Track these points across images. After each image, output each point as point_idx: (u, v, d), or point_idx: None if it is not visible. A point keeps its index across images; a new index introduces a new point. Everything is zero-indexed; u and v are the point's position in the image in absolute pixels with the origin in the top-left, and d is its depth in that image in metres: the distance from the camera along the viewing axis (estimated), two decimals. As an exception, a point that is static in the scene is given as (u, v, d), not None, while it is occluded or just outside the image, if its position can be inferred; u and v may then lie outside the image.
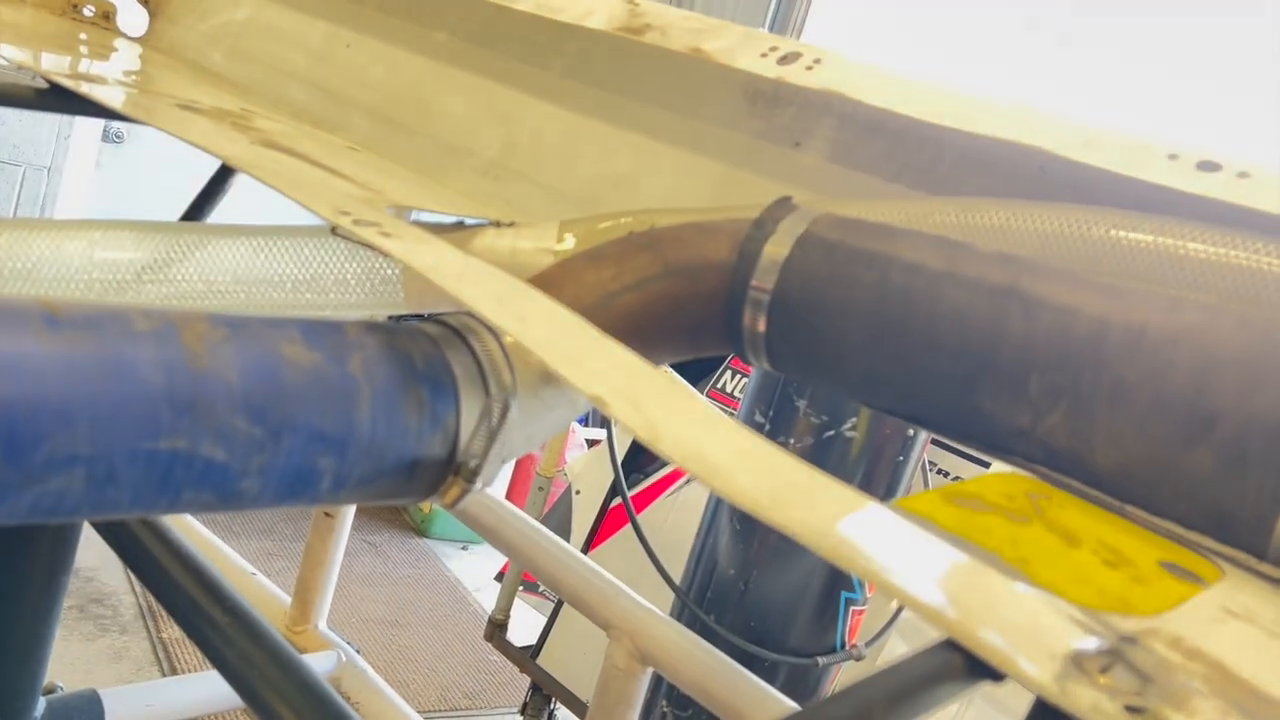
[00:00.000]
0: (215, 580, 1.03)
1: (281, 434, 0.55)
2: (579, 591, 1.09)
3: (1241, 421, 0.54)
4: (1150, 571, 0.50)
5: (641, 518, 3.14)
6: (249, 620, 1.01)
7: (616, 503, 3.20)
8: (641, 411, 0.51)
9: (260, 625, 1.01)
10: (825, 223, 0.72)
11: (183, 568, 1.04)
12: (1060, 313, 0.61)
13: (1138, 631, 0.43)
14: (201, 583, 1.03)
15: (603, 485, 3.29)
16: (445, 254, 0.64)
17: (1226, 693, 0.40)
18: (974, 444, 0.66)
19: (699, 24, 0.98)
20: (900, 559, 0.44)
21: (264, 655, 0.99)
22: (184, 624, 1.02)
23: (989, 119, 0.78)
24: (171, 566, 1.04)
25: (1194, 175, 0.70)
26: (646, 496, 3.14)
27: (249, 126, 0.97)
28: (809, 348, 0.71)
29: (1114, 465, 0.59)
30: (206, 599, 1.01)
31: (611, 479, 3.24)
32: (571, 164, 1.09)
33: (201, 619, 1.02)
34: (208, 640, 1.02)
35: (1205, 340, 0.57)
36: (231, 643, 0.99)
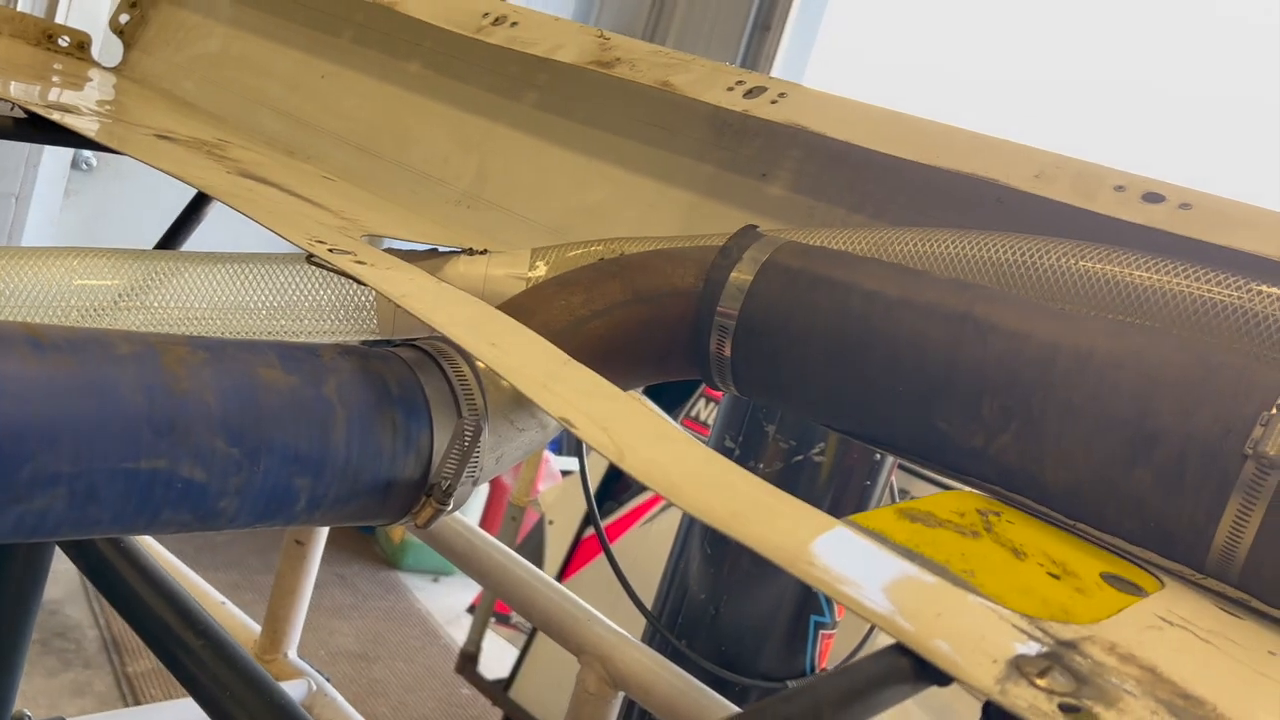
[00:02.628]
0: (189, 606, 1.04)
1: (259, 455, 0.56)
2: (550, 616, 1.10)
3: (1180, 441, 0.57)
4: (1092, 583, 0.52)
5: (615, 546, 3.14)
6: (223, 645, 1.01)
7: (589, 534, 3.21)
8: (609, 433, 0.53)
9: (234, 650, 1.01)
10: (788, 251, 0.74)
11: (156, 593, 1.04)
12: (1011, 338, 0.63)
13: (1076, 638, 0.45)
14: (175, 608, 1.04)
15: (575, 515, 3.29)
16: (418, 281, 0.66)
17: (1156, 693, 0.42)
18: (931, 465, 0.68)
19: (668, 58, 1.01)
20: (853, 570, 0.46)
21: (238, 680, 0.99)
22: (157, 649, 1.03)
23: (947, 151, 0.81)
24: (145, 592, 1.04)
25: (1139, 206, 0.73)
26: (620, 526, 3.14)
27: (225, 156, 0.99)
28: (772, 372, 0.73)
29: (1063, 483, 0.61)
30: (180, 624, 1.02)
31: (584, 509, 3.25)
32: (544, 193, 1.12)
33: (175, 643, 1.02)
34: (181, 665, 1.02)
35: (1147, 363, 0.60)
36: (205, 667, 0.99)
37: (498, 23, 1.12)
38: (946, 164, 0.81)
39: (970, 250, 0.76)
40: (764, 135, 0.99)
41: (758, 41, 5.26)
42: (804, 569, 0.46)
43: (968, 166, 0.80)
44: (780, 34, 5.24)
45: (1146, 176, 0.75)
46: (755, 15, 5.26)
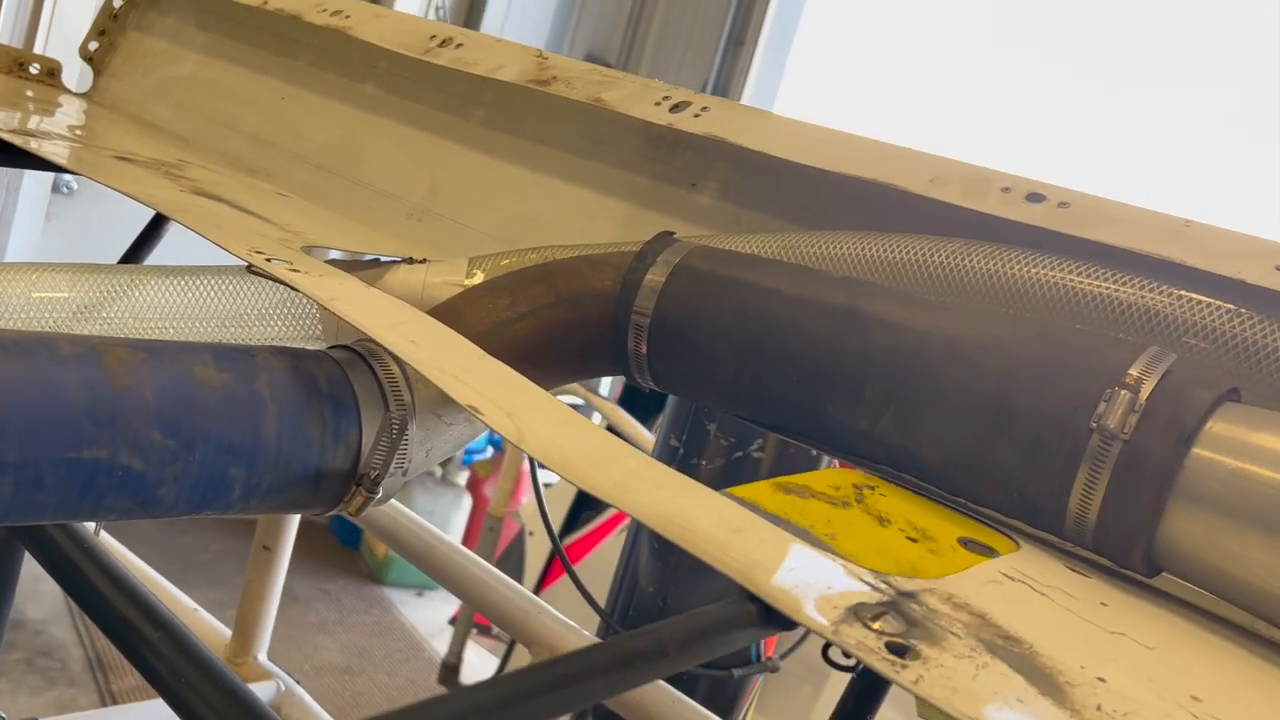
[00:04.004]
0: (157, 609, 1.08)
1: (194, 445, 0.61)
2: (500, 608, 1.15)
3: (1036, 418, 0.62)
4: (947, 546, 0.57)
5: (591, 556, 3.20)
6: (190, 646, 1.05)
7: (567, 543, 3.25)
8: (512, 418, 0.59)
9: (200, 650, 1.05)
10: (698, 254, 0.80)
11: (125, 597, 1.09)
12: (890, 328, 0.69)
13: (917, 590, 0.50)
14: (144, 611, 1.08)
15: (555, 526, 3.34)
16: (347, 285, 0.71)
17: (979, 634, 0.48)
18: (825, 448, 0.74)
19: (600, 76, 1.06)
20: (719, 530, 0.51)
21: (204, 678, 1.03)
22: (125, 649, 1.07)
23: (851, 160, 0.87)
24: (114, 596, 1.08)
25: (1023, 206, 0.79)
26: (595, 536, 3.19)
27: (181, 175, 1.04)
28: (684, 366, 0.78)
29: (937, 461, 0.67)
30: (148, 626, 1.06)
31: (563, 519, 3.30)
32: (490, 205, 1.17)
33: (142, 644, 1.06)
34: (149, 665, 1.06)
35: (1008, 348, 0.65)
36: (169, 664, 1.03)
37: (444, 45, 1.17)
38: (851, 171, 0.87)
39: (868, 250, 0.82)
40: (694, 148, 1.05)
41: (732, 56, 5.34)
42: (675, 532, 0.51)
43: (869, 173, 0.86)
44: (754, 49, 5.32)
45: (1030, 178, 0.81)
46: (729, 30, 5.34)
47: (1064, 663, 0.47)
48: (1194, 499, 0.58)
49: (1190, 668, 0.52)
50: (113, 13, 1.63)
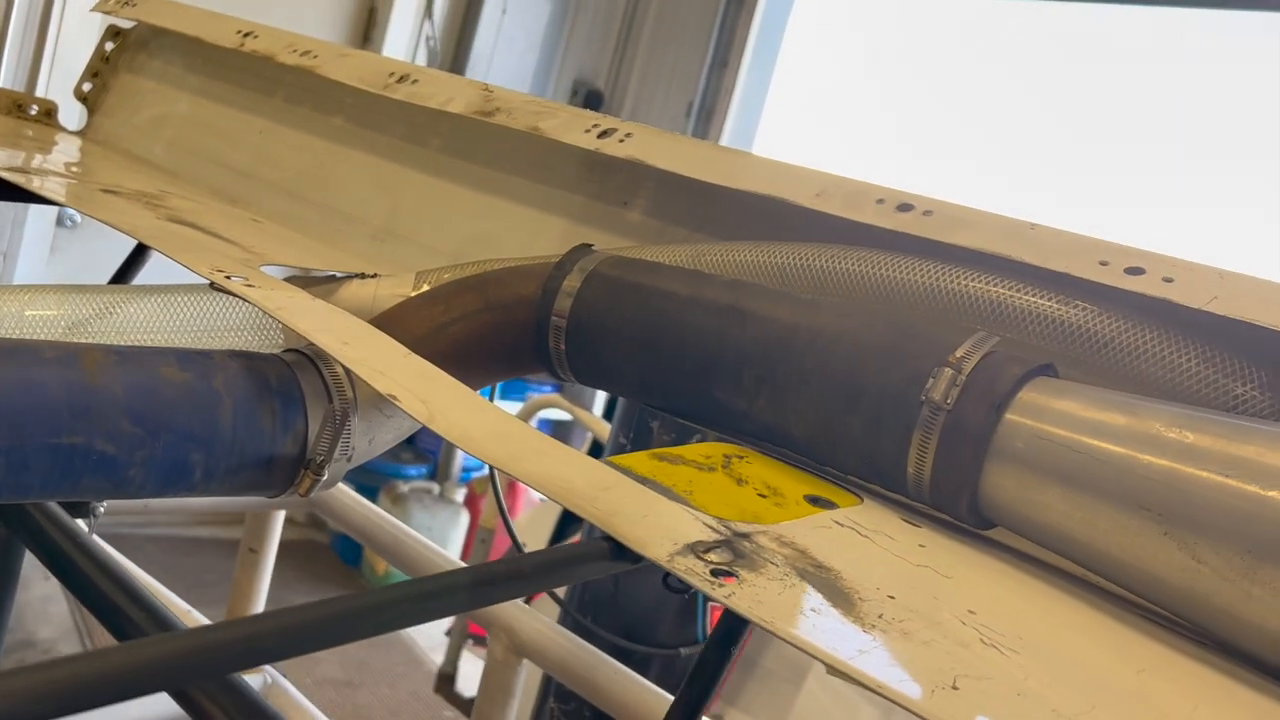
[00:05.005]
0: (149, 600, 1.18)
1: (159, 433, 0.72)
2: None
3: (879, 394, 0.72)
4: (793, 501, 0.68)
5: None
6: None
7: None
8: (426, 404, 0.69)
9: None
10: (608, 263, 0.90)
11: (128, 598, 1.18)
12: (764, 322, 0.79)
13: (751, 531, 0.61)
14: (136, 602, 1.18)
15: (546, 537, 3.44)
16: (294, 297, 0.82)
17: (796, 564, 0.58)
18: (716, 428, 0.84)
19: (538, 107, 1.17)
20: (590, 488, 0.62)
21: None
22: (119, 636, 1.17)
23: (749, 177, 0.98)
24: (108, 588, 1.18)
25: (894, 215, 0.90)
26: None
27: (161, 205, 1.15)
28: (597, 360, 0.89)
29: (804, 435, 0.77)
30: (137, 611, 1.16)
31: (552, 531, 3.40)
32: (445, 226, 1.28)
33: (136, 631, 1.16)
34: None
35: (860, 336, 0.75)
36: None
37: (401, 81, 1.29)
38: (749, 187, 0.97)
39: (760, 257, 0.92)
40: (623, 170, 1.16)
41: (716, 78, 5.46)
42: (554, 490, 0.61)
43: (765, 189, 0.96)
44: (738, 70, 5.44)
45: (902, 191, 0.91)
46: (713, 53, 5.46)
47: (863, 585, 0.57)
48: (1006, 458, 0.68)
49: (978, 591, 0.62)
50: (105, 56, 1.75)
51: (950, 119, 4.47)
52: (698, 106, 5.46)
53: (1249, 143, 3.41)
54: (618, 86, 5.74)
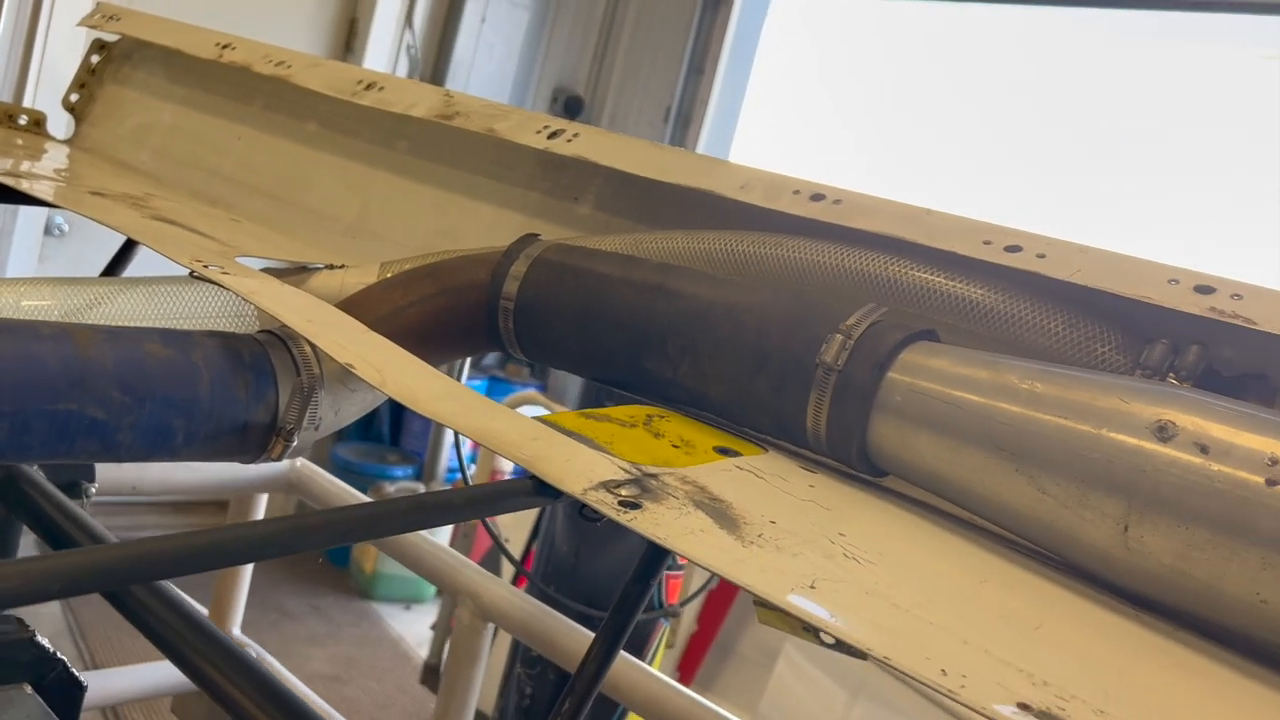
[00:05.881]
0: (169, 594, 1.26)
1: (144, 401, 0.81)
2: (432, 566, 1.33)
3: (782, 358, 0.82)
4: (703, 451, 0.77)
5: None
6: (177, 602, 1.23)
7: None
8: (380, 371, 0.78)
9: (199, 616, 1.23)
10: (552, 250, 1.00)
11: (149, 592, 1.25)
12: (686, 299, 0.89)
13: (659, 472, 0.70)
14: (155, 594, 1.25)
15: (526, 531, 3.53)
16: (265, 283, 0.91)
17: (694, 497, 0.67)
18: (647, 395, 0.94)
19: (494, 110, 1.27)
20: (521, 438, 0.71)
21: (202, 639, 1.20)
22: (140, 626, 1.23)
23: (681, 171, 1.07)
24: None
25: (808, 204, 0.99)
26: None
27: (145, 206, 1.24)
28: (542, 338, 0.98)
29: (721, 398, 0.87)
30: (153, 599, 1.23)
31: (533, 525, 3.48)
32: (411, 222, 1.37)
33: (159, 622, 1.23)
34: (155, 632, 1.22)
35: (768, 309, 0.85)
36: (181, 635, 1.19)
37: (369, 88, 1.38)
38: (682, 181, 1.07)
39: (691, 244, 1.02)
40: (574, 168, 1.25)
41: (693, 84, 5.57)
42: (489, 441, 0.71)
43: (694, 182, 1.06)
44: (714, 76, 5.54)
45: (815, 183, 1.01)
46: (689, 60, 5.57)
47: (750, 513, 0.67)
48: (888, 410, 0.78)
49: (852, 520, 0.71)
50: (91, 68, 1.84)
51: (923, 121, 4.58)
52: (675, 112, 5.56)
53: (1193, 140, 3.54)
54: (597, 92, 5.84)
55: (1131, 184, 3.66)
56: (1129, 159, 3.71)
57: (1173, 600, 0.66)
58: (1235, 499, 0.62)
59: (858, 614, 0.56)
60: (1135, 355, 0.81)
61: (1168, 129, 3.62)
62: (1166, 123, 3.63)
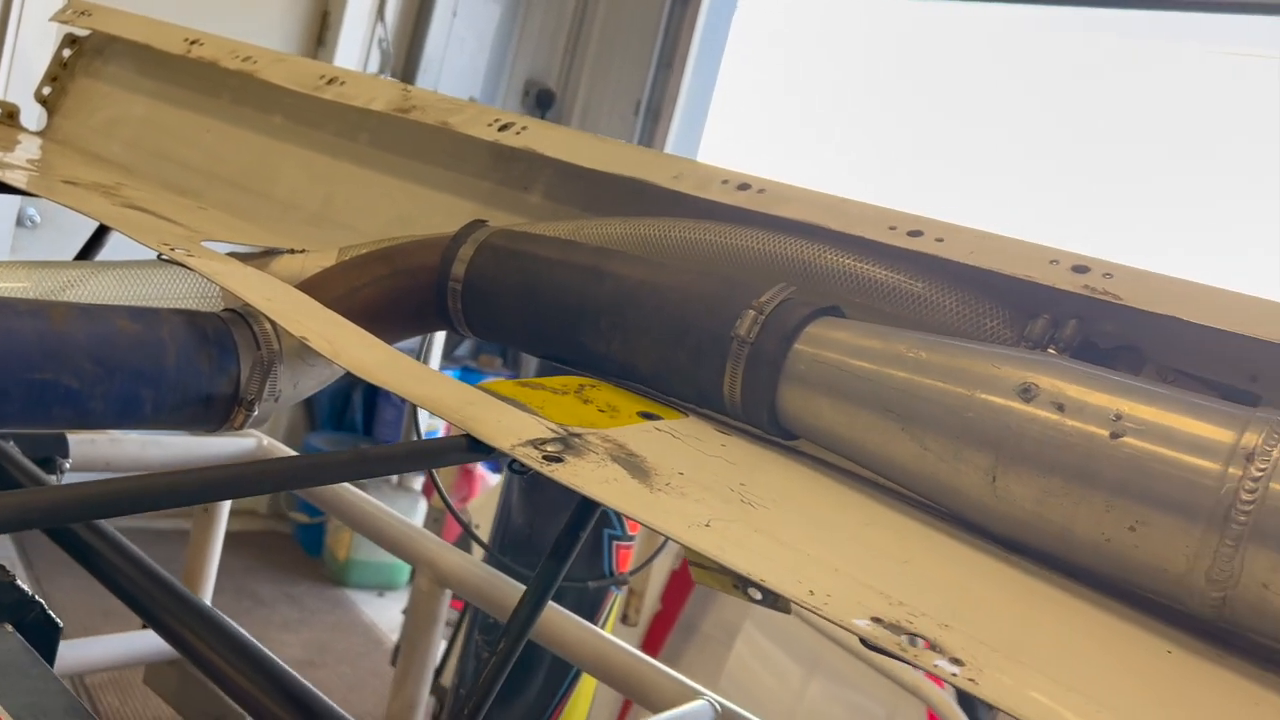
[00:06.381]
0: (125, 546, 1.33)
1: (115, 372, 0.88)
2: (392, 536, 1.41)
3: (701, 333, 0.90)
4: (627, 415, 0.85)
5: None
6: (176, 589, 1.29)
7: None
8: (331, 344, 0.86)
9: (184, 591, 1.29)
10: (497, 235, 1.07)
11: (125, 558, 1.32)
12: (618, 279, 0.97)
13: (583, 432, 0.78)
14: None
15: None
16: (228, 264, 0.98)
17: (612, 452, 0.75)
18: (584, 369, 1.01)
19: (449, 104, 1.34)
20: (457, 403, 0.78)
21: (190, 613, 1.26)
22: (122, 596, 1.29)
23: (618, 162, 1.15)
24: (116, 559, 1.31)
25: (735, 193, 1.07)
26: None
27: (116, 194, 1.31)
28: (488, 317, 1.06)
29: (648, 370, 0.95)
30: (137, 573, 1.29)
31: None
32: (371, 210, 1.44)
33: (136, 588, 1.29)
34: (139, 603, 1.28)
35: (690, 289, 0.93)
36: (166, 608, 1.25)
37: (330, 83, 1.45)
38: (621, 171, 1.15)
39: (628, 229, 1.10)
40: (525, 159, 1.33)
41: (662, 80, 5.64)
42: (429, 405, 0.78)
43: (631, 172, 1.14)
44: (683, 71, 5.62)
45: (741, 173, 1.09)
46: (659, 54, 5.64)
47: (661, 466, 0.74)
48: (794, 378, 0.86)
49: (755, 473, 0.79)
50: (63, 62, 1.89)
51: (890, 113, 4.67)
52: (645, 106, 5.64)
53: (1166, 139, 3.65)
54: (569, 86, 5.90)
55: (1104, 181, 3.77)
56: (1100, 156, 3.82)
57: (1035, 542, 0.75)
58: (1084, 451, 0.71)
59: (744, 547, 0.64)
60: (1020, 329, 0.89)
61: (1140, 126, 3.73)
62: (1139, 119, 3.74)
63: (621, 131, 5.60)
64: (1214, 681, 0.63)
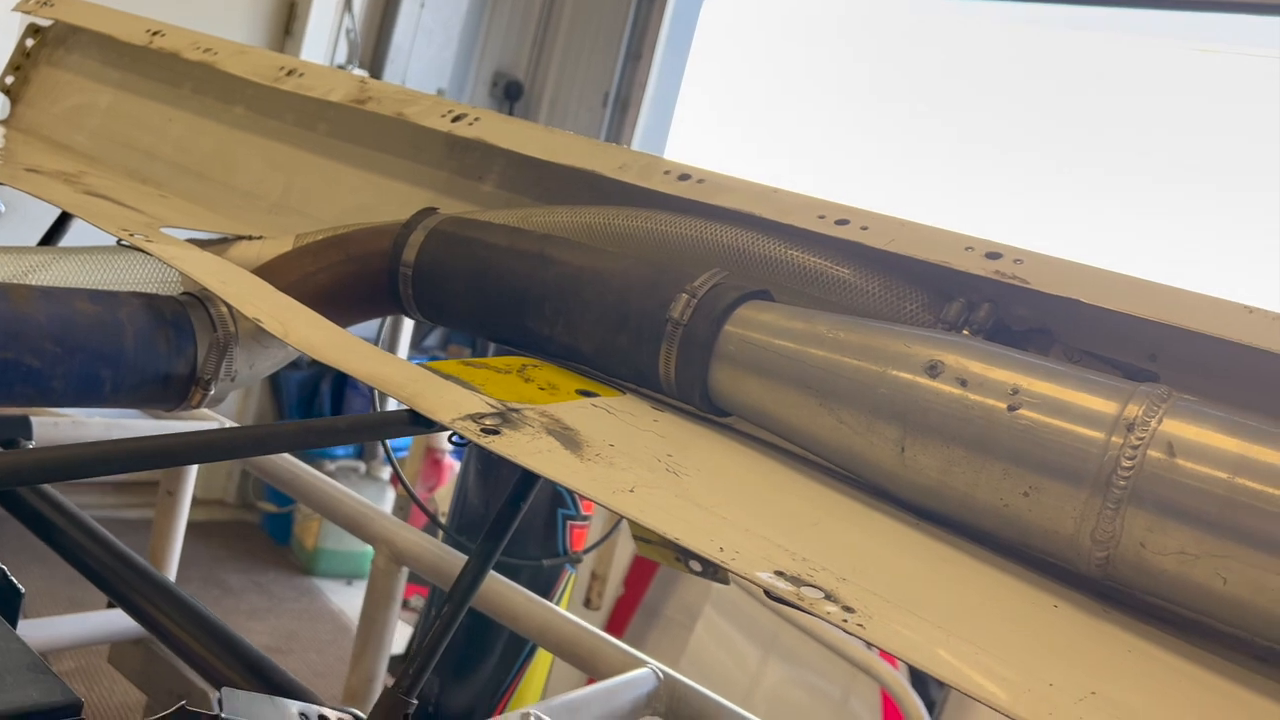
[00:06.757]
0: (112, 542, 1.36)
1: (75, 352, 0.92)
2: (351, 516, 1.45)
3: (640, 316, 0.95)
4: (565, 392, 0.90)
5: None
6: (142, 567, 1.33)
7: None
8: (283, 324, 0.90)
9: (150, 568, 1.33)
10: (447, 222, 1.12)
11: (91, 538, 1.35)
12: (561, 265, 1.01)
13: (522, 408, 0.83)
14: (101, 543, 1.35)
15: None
16: (185, 249, 1.02)
17: (548, 426, 0.80)
18: (530, 351, 1.06)
19: (405, 95, 1.38)
20: (403, 379, 0.83)
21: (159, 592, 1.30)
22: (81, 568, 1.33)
23: (566, 152, 1.19)
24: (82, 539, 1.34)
25: (676, 183, 1.12)
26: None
27: (78, 182, 1.34)
28: (438, 301, 1.10)
29: (590, 352, 0.99)
30: (103, 552, 1.33)
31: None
32: (330, 199, 1.48)
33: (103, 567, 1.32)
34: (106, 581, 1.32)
35: (629, 274, 0.98)
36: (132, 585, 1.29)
37: (290, 74, 1.48)
38: (568, 161, 1.19)
39: (574, 217, 1.14)
40: (478, 150, 1.37)
41: (630, 70, 5.67)
42: (377, 382, 0.82)
43: (578, 163, 1.18)
44: (650, 62, 5.66)
45: (683, 164, 1.14)
46: (627, 45, 5.67)
47: (594, 439, 0.79)
48: (724, 358, 0.91)
49: (683, 445, 0.84)
50: (26, 51, 1.91)
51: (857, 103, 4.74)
52: (614, 96, 5.67)
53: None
54: (537, 77, 5.93)
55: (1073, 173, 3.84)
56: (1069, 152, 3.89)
57: (941, 508, 0.80)
58: (984, 422, 0.76)
59: (664, 510, 0.69)
60: (938, 312, 0.95)
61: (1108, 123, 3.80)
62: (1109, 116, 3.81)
63: (590, 122, 5.64)
64: (1093, 632, 0.69)
